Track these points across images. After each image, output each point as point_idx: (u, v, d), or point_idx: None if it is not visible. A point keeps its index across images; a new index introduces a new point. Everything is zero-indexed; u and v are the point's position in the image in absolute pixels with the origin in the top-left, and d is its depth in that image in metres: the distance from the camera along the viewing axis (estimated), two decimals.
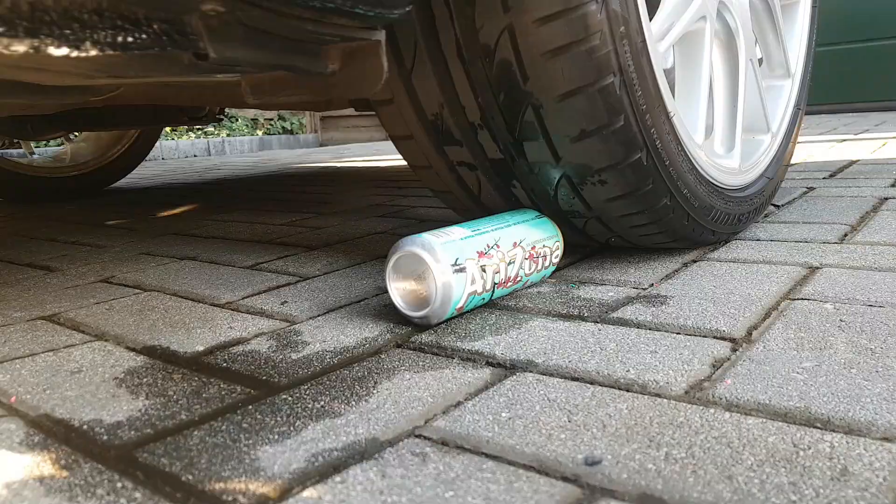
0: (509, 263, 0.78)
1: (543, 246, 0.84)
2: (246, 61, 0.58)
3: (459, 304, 0.73)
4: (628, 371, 0.60)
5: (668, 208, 0.87)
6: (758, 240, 1.06)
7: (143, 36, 0.51)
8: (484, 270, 0.75)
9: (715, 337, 0.66)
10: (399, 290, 0.75)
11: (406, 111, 0.89)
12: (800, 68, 1.33)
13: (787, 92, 1.30)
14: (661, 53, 0.85)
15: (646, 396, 0.55)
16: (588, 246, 1.05)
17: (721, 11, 1.02)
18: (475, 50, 0.79)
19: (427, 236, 0.73)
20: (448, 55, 0.81)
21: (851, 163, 1.94)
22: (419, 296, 0.74)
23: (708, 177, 0.95)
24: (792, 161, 2.08)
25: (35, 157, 2.63)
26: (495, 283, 0.77)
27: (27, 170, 2.48)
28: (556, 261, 0.87)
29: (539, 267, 0.84)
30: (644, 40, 0.79)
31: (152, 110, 2.05)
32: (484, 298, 0.77)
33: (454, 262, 0.71)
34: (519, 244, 0.80)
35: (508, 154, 0.85)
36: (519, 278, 0.81)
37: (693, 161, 0.91)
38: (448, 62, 0.82)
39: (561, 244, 0.88)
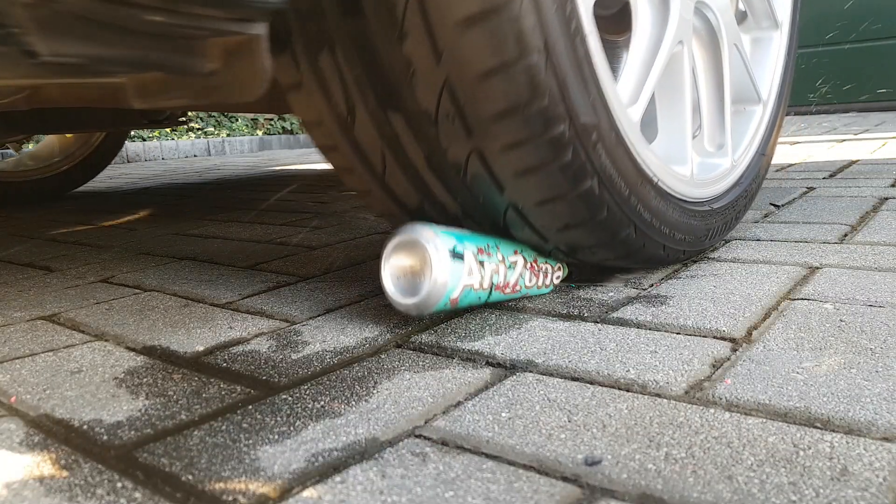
0: (509, 267, 0.78)
1: (545, 262, 0.83)
2: (97, 59, 0.51)
3: (454, 295, 0.71)
4: (628, 371, 0.60)
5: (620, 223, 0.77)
6: (758, 240, 1.06)
7: None
8: (483, 266, 0.74)
9: (715, 337, 0.66)
10: (393, 270, 0.74)
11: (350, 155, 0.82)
12: (777, 75, 1.21)
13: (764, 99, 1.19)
14: (635, 121, 0.79)
15: (646, 396, 0.55)
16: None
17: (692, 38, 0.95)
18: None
19: (426, 224, 0.73)
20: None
21: (851, 163, 1.94)
22: (414, 275, 0.73)
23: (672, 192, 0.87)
24: (787, 162, 2.08)
25: None
26: (493, 284, 0.76)
27: None
28: (556, 281, 0.85)
29: (539, 283, 0.82)
30: (619, 136, 0.74)
31: (111, 113, 1.97)
32: (480, 297, 0.75)
33: (452, 248, 0.71)
34: (520, 253, 0.80)
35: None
36: (518, 287, 0.79)
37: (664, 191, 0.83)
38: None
39: (563, 269, 0.87)
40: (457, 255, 0.71)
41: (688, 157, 0.91)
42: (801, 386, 0.54)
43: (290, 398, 0.58)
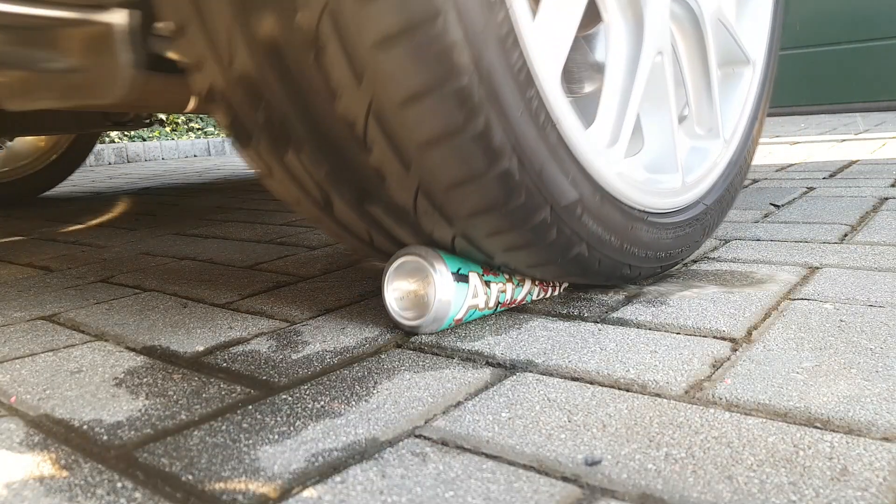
0: (517, 285, 0.76)
1: None
2: None
3: (458, 316, 0.71)
4: (628, 371, 0.60)
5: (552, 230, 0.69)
6: (758, 240, 1.06)
7: None
8: (489, 286, 0.73)
9: (715, 337, 0.66)
10: (397, 293, 0.74)
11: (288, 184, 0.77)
12: (757, 75, 1.09)
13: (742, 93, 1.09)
14: (618, 171, 0.74)
15: (646, 396, 0.55)
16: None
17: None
18: None
19: (430, 246, 0.72)
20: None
21: (851, 163, 1.94)
22: (417, 297, 0.73)
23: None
24: (787, 162, 2.08)
25: None
26: (500, 303, 0.75)
27: None
28: (562, 291, 0.85)
29: (547, 294, 0.82)
30: (600, 198, 0.71)
31: (74, 116, 1.91)
32: (485, 314, 0.75)
33: (456, 270, 0.70)
34: None
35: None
36: (525, 300, 0.79)
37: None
38: None
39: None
40: (461, 277, 0.70)
41: (678, 166, 0.87)
42: (801, 386, 0.54)
43: (290, 398, 0.58)
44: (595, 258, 0.74)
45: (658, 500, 0.41)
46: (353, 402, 0.57)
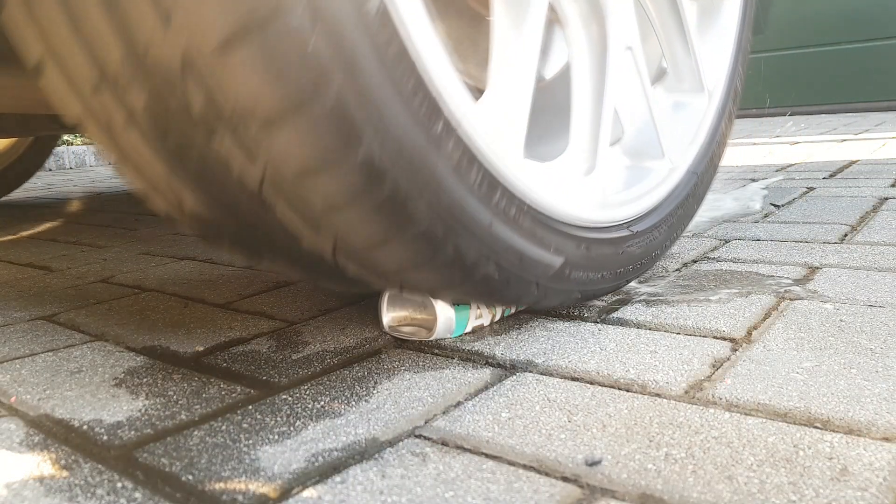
0: None
1: None
2: None
3: (462, 334, 0.71)
4: (628, 371, 0.60)
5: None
6: (758, 240, 1.06)
7: None
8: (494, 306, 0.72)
9: (715, 337, 0.66)
10: (395, 322, 0.72)
11: None
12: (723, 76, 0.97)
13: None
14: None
15: (646, 396, 0.55)
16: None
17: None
18: None
19: None
20: None
21: (851, 163, 1.94)
22: (418, 326, 0.72)
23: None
24: (787, 162, 2.08)
25: None
26: (505, 315, 0.75)
27: None
28: None
29: None
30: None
31: (22, 119, 1.86)
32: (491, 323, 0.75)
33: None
34: None
35: None
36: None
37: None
38: None
39: None
40: (462, 305, 0.69)
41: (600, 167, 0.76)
42: (801, 386, 0.54)
43: (290, 398, 0.58)
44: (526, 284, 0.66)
45: (658, 500, 0.41)
46: (353, 402, 0.57)
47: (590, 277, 0.72)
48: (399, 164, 0.51)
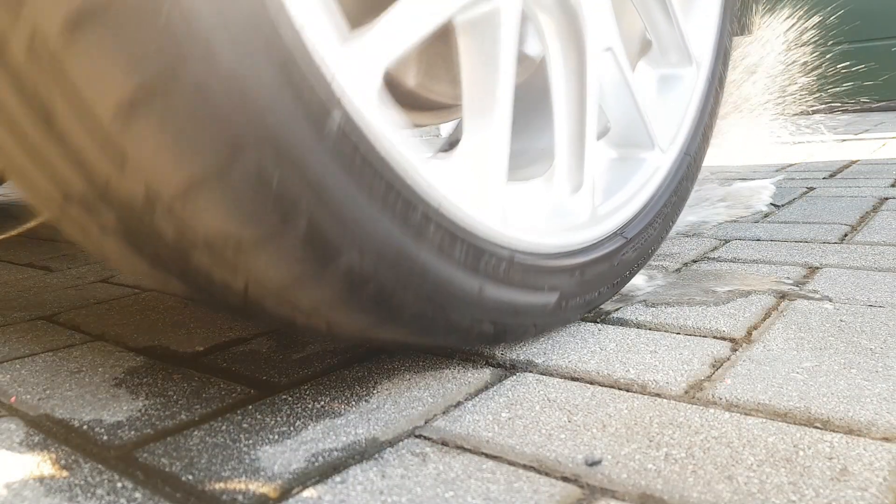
0: None
1: None
2: None
3: None
4: (628, 371, 0.60)
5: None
6: (758, 240, 1.06)
7: None
8: None
9: (715, 337, 0.66)
10: None
11: None
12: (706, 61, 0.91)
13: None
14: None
15: (646, 396, 0.55)
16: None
17: None
18: None
19: None
20: None
21: (851, 163, 1.94)
22: None
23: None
24: (787, 162, 2.08)
25: None
26: None
27: None
28: None
29: None
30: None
31: None
32: None
33: None
34: None
35: None
36: None
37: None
38: None
39: None
40: None
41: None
42: (801, 386, 0.54)
43: (290, 398, 0.58)
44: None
45: (658, 500, 0.41)
46: (353, 402, 0.57)
47: (587, 300, 0.70)
48: (381, 266, 0.49)
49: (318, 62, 0.44)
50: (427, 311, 0.54)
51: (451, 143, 0.89)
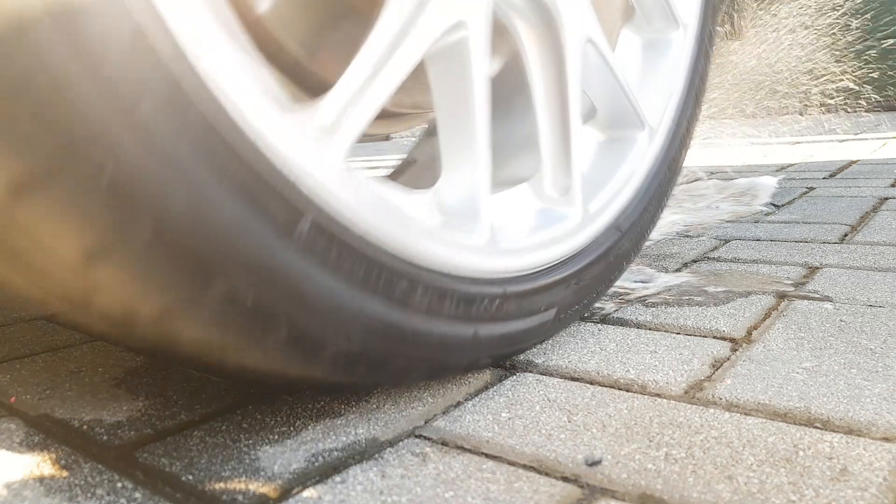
0: None
1: None
2: None
3: None
4: (628, 371, 0.60)
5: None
6: (758, 239, 1.06)
7: None
8: None
9: (715, 337, 0.66)
10: None
11: None
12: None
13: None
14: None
15: (646, 396, 0.55)
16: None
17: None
18: None
19: None
20: None
21: (851, 163, 1.94)
22: None
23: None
24: (787, 162, 2.08)
25: None
26: None
27: None
28: None
29: None
30: None
31: None
32: None
33: None
34: None
35: None
36: None
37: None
38: None
39: None
40: None
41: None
42: (801, 386, 0.54)
43: (290, 398, 0.58)
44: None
45: (658, 500, 0.41)
46: (353, 402, 0.57)
47: (585, 304, 0.69)
48: (370, 343, 0.48)
49: (283, 170, 0.41)
50: (422, 366, 0.54)
51: (408, 163, 0.83)
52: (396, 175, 0.83)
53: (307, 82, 0.73)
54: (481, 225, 0.56)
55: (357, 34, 0.48)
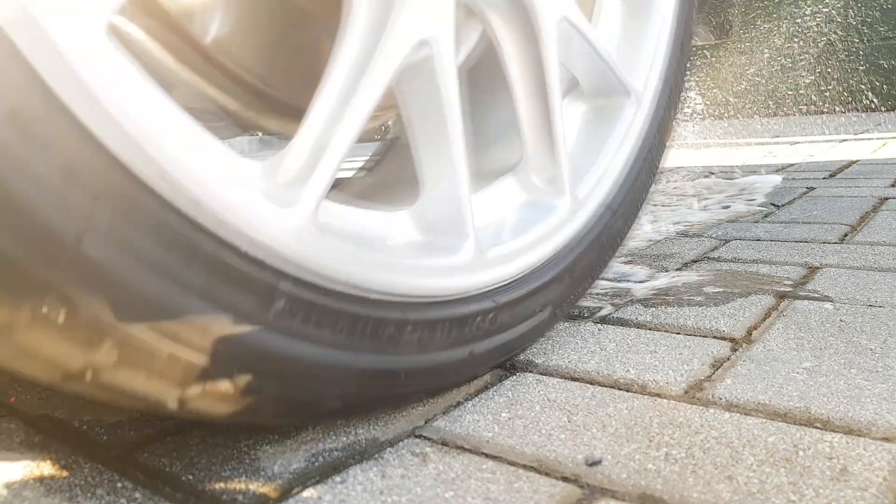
0: None
1: None
2: None
3: None
4: (628, 371, 0.60)
5: None
6: (758, 239, 1.06)
7: None
8: None
9: (715, 337, 0.66)
10: None
11: None
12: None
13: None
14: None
15: (646, 396, 0.55)
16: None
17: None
18: None
19: None
20: None
21: (851, 163, 1.94)
22: None
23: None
24: (787, 162, 2.08)
25: None
26: None
27: None
28: None
29: None
30: None
31: None
32: None
33: None
34: None
35: None
36: None
37: None
38: None
39: None
40: None
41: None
42: (801, 386, 0.54)
43: None
44: None
45: (658, 500, 0.41)
46: None
47: (580, 291, 0.67)
48: (364, 389, 0.47)
49: (251, 252, 0.38)
50: (418, 395, 0.54)
51: (370, 169, 0.78)
52: (372, 173, 0.78)
53: (271, 110, 0.70)
54: (467, 241, 0.54)
55: (319, 52, 0.46)
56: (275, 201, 0.40)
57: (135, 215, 0.34)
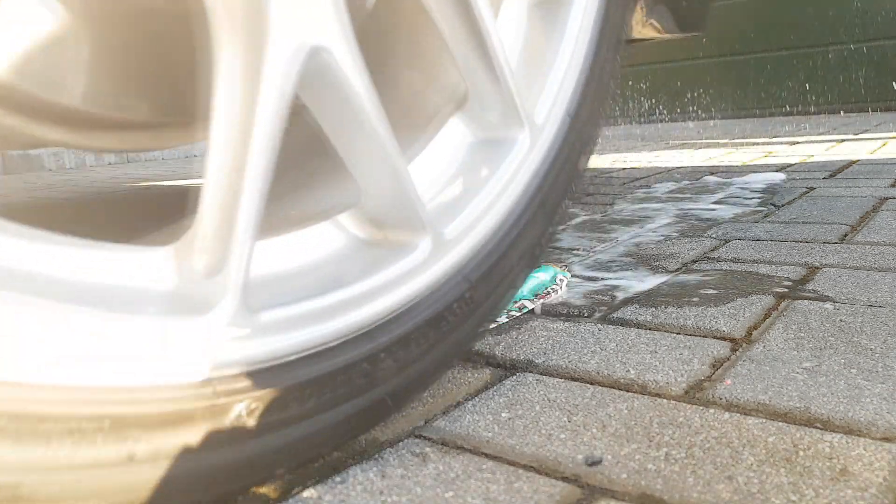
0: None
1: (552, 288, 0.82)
2: None
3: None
4: (628, 371, 0.60)
5: None
6: (758, 239, 1.06)
7: None
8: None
9: (715, 337, 0.66)
10: None
11: None
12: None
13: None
14: None
15: (646, 396, 0.55)
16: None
17: None
18: None
19: None
20: None
21: (851, 163, 1.94)
22: None
23: None
24: (787, 162, 2.08)
25: None
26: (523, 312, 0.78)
27: None
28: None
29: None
30: None
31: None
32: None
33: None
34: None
35: None
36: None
37: None
38: None
39: (566, 277, 0.86)
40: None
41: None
42: (801, 386, 0.54)
43: None
44: None
45: (658, 500, 0.41)
46: None
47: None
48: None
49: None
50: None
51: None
52: None
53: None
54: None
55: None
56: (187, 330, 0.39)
57: None
